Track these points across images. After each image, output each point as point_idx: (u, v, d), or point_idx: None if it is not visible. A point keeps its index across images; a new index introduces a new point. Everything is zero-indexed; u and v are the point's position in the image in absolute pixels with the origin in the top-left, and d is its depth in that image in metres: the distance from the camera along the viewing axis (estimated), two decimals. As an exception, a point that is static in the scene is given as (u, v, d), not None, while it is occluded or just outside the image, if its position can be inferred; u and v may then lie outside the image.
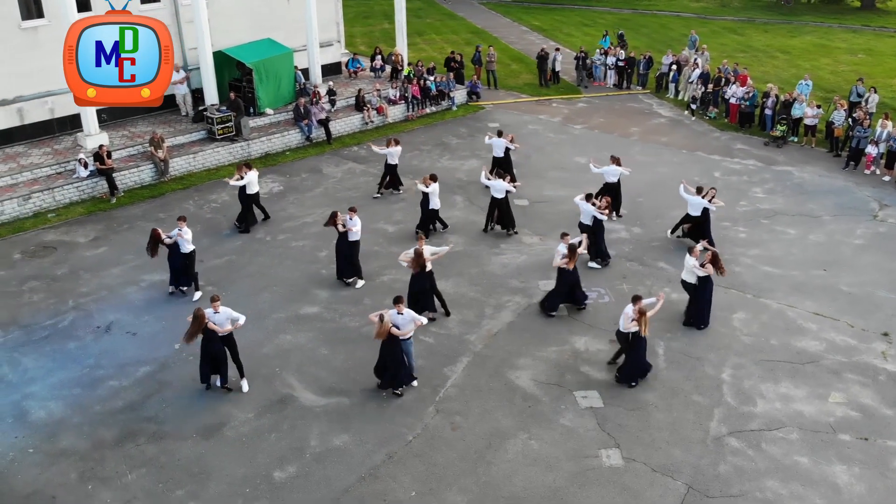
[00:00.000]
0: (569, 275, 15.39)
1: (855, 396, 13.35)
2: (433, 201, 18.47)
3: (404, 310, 13.06)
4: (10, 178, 20.21)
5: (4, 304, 15.99)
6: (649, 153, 24.44)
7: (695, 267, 14.88)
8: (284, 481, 11.48)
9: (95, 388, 13.50)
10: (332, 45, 28.97)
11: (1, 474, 11.55)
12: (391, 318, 12.90)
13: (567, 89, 31.38)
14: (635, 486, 11.45)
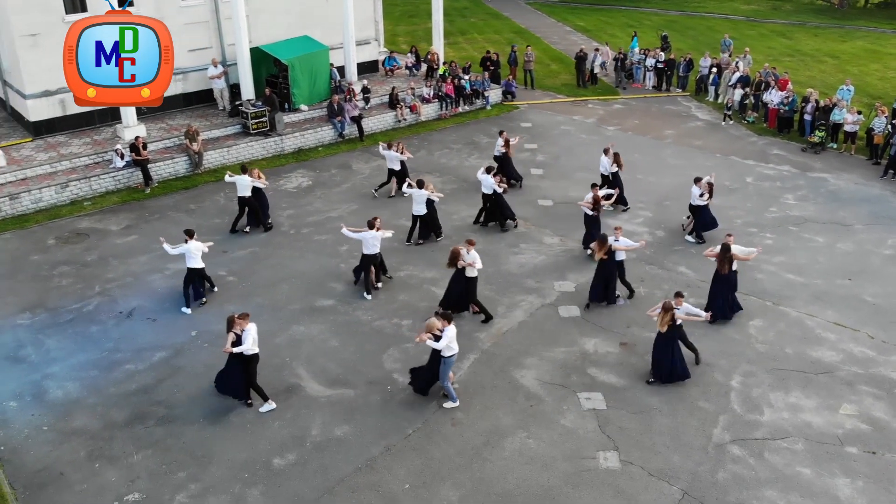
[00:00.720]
0: (603, 268, 15.67)
1: (867, 409, 13.04)
2: (416, 208, 18.12)
3: (448, 326, 12.66)
4: (49, 166, 20.96)
5: (35, 287, 16.62)
6: (682, 157, 24.14)
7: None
8: (283, 468, 11.73)
9: (112, 370, 13.96)
10: (370, 43, 29.26)
11: (14, 450, 12.04)
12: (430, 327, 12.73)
13: (605, 90, 31.15)
14: (630, 489, 11.39)
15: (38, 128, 22.60)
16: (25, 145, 22.14)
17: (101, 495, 11.19)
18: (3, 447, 12.07)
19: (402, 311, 15.79)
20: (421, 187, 17.84)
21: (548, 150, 24.74)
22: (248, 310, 15.56)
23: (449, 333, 12.52)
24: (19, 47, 21.66)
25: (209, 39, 25.11)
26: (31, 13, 21.46)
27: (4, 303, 16.00)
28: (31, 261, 17.72)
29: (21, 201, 19.84)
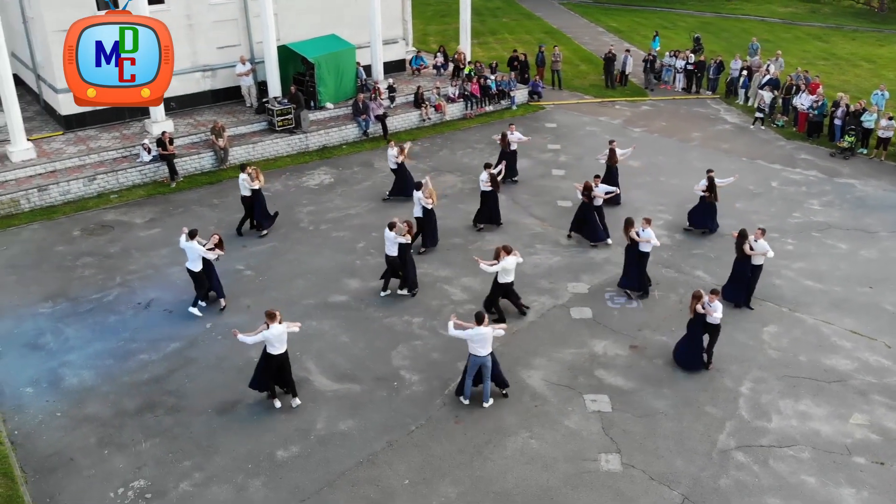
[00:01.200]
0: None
1: (879, 419, 12.81)
2: (417, 209, 17.91)
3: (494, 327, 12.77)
4: (78, 159, 21.45)
5: (58, 276, 17.03)
6: (707, 160, 23.76)
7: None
8: (285, 460, 11.89)
9: (127, 360, 14.26)
10: (397, 42, 29.40)
11: (28, 434, 12.37)
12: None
13: (633, 92, 30.92)
14: (629, 492, 11.34)
15: (69, 121, 23.13)
16: (56, 138, 22.68)
17: (108, 481, 11.45)
18: (17, 432, 12.41)
19: (413, 308, 15.88)
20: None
21: (571, 151, 24.64)
22: (263, 304, 15.89)
23: (482, 331, 12.57)
24: (52, 42, 22.14)
25: (238, 37, 25.43)
26: (63, 9, 21.86)
27: (28, 291, 16.42)
28: (56, 251, 18.16)
29: (49, 193, 20.34)
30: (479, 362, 12.71)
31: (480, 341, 12.52)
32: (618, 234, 17.61)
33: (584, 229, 18.69)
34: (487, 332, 12.52)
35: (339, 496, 11.23)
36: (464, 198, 20.93)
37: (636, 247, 16.07)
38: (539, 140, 25.44)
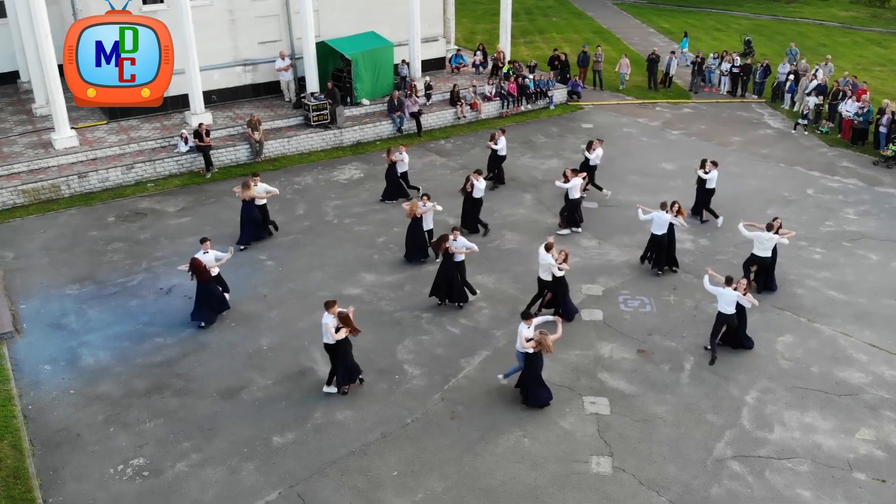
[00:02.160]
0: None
1: (886, 435, 12.43)
2: (427, 221, 17.51)
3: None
4: (118, 148, 22.20)
5: (88, 260, 17.69)
6: (743, 164, 23.41)
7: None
8: (281, 446, 12.16)
9: (142, 342, 14.76)
10: (437, 40, 29.56)
11: (41, 409, 12.92)
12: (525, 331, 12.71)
13: (677, 94, 30.45)
14: (616, 496, 11.26)
15: (112, 112, 23.90)
16: (100, 127, 23.50)
17: (110, 458, 11.89)
18: (30, 406, 12.97)
19: (424, 303, 16.01)
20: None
21: (605, 152, 24.32)
22: (279, 294, 16.37)
23: (523, 332, 12.69)
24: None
25: (279, 32, 25.95)
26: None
27: (58, 273, 17.10)
28: (90, 236, 18.85)
29: (89, 180, 21.12)
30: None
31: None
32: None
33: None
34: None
35: (327, 484, 11.44)
36: (489, 196, 20.94)
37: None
38: (573, 140, 25.32)
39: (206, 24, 24.23)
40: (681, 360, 14.26)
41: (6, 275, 16.96)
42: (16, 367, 13.96)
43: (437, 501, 11.16)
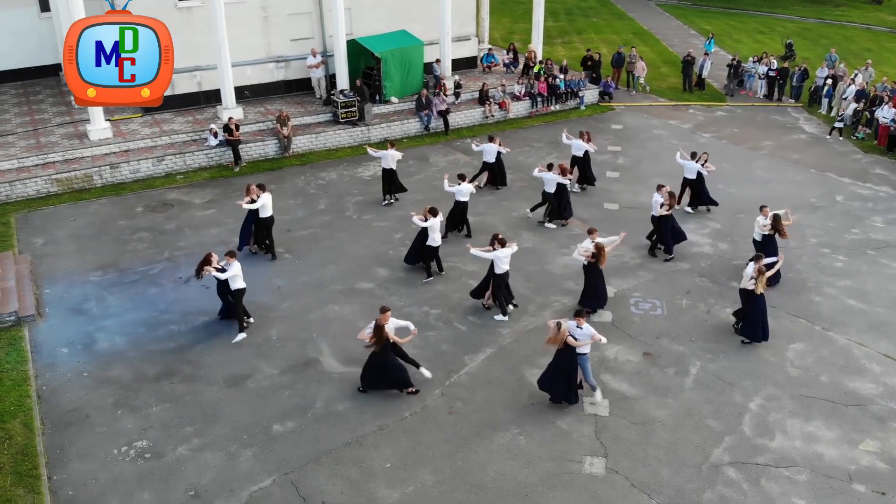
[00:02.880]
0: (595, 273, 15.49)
1: (892, 447, 12.16)
2: (432, 237, 16.60)
3: (584, 324, 12.72)
4: (150, 140, 22.79)
5: (114, 248, 18.21)
6: (772, 169, 23.03)
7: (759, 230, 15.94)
8: (280, 434, 12.40)
9: (157, 329, 15.16)
10: (470, 39, 29.65)
11: (54, 390, 13.38)
12: (568, 329, 12.67)
13: (712, 96, 30.05)
14: (607, 497, 11.24)
15: (148, 105, 24.53)
16: (135, 120, 24.15)
17: (115, 439, 12.26)
18: (45, 387, 13.44)
19: (434, 300, 16.14)
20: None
21: (631, 154, 24.26)
22: (293, 286, 16.64)
23: (587, 331, 12.71)
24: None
25: (311, 30, 26.32)
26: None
27: (84, 260, 17.65)
28: (117, 225, 19.40)
29: (120, 171, 21.72)
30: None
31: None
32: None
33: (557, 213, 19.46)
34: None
35: (321, 472, 11.64)
36: (510, 195, 21.03)
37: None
38: (601, 141, 25.12)
39: (240, 20, 24.71)
40: (687, 364, 14.13)
41: (34, 260, 17.56)
42: (35, 349, 14.47)
43: (426, 494, 11.28)
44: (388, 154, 20.02)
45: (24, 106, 25.01)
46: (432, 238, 16.61)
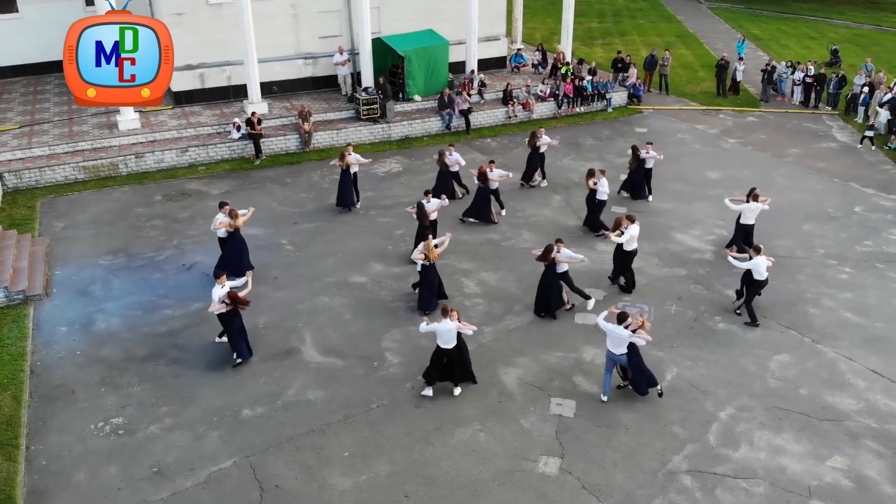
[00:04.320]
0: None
1: (860, 465, 11.85)
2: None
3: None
4: (176, 132, 23.59)
5: (127, 234, 18.96)
6: (793, 177, 22.48)
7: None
8: (247, 419, 12.79)
9: (153, 313, 15.76)
10: (499, 39, 29.71)
11: (48, 366, 14.07)
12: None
13: (745, 102, 29.44)
14: (554, 497, 11.27)
15: (178, 97, 25.43)
16: (165, 112, 25.02)
17: (93, 414, 12.85)
18: (39, 363, 14.15)
19: (422, 296, 16.34)
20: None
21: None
22: (289, 277, 17.05)
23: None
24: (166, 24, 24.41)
25: (340, 27, 26.80)
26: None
27: (97, 244, 18.44)
28: (135, 212, 20.18)
29: (145, 160, 22.56)
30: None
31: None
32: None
33: (481, 213, 19.40)
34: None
35: (280, 457, 11.97)
36: (515, 195, 21.09)
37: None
38: (621, 144, 24.97)
39: (270, 17, 25.36)
40: (663, 370, 14.00)
41: (51, 243, 18.42)
42: (36, 326, 15.22)
43: (378, 485, 11.51)
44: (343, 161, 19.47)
45: (63, 96, 26.12)
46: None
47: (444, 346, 13.14)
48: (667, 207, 20.48)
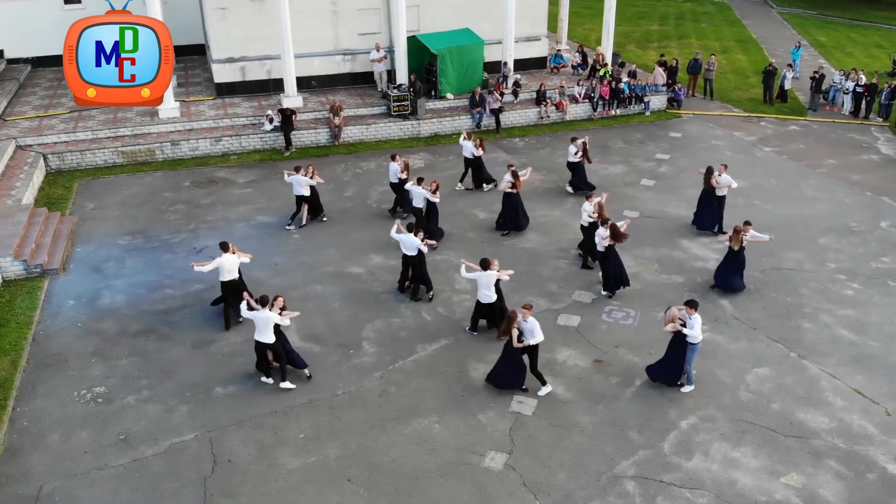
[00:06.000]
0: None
1: (816, 485, 11.51)
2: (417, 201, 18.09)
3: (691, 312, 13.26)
4: (212, 122, 24.56)
5: (149, 217, 19.93)
6: (822, 189, 21.73)
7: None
8: (217, 396, 13.36)
9: (155, 291, 16.58)
10: (540, 39, 29.65)
11: (49, 336, 15.01)
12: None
13: (792, 110, 28.52)
14: (492, 491, 11.39)
15: (220, 89, 26.44)
16: (206, 102, 26.06)
17: (79, 383, 13.66)
18: (42, 332, 15.11)
19: (413, 289, 16.62)
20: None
21: (677, 164, 23.58)
22: (290, 266, 17.64)
23: (697, 322, 13.14)
24: (211, 18, 25.52)
25: (378, 25, 27.29)
26: (222, -11, 25.17)
27: (120, 225, 19.45)
28: (162, 196, 21.17)
29: (180, 148, 23.60)
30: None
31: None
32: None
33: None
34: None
35: (238, 434, 12.47)
36: (530, 195, 21.11)
37: None
38: (651, 148, 24.65)
39: (310, 13, 26.10)
40: (633, 375, 13.89)
41: (79, 222, 19.54)
42: (47, 298, 16.23)
43: (324, 467, 11.86)
44: (297, 179, 18.85)
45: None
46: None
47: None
48: (680, 213, 20.15)
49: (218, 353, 14.56)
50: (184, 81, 28.07)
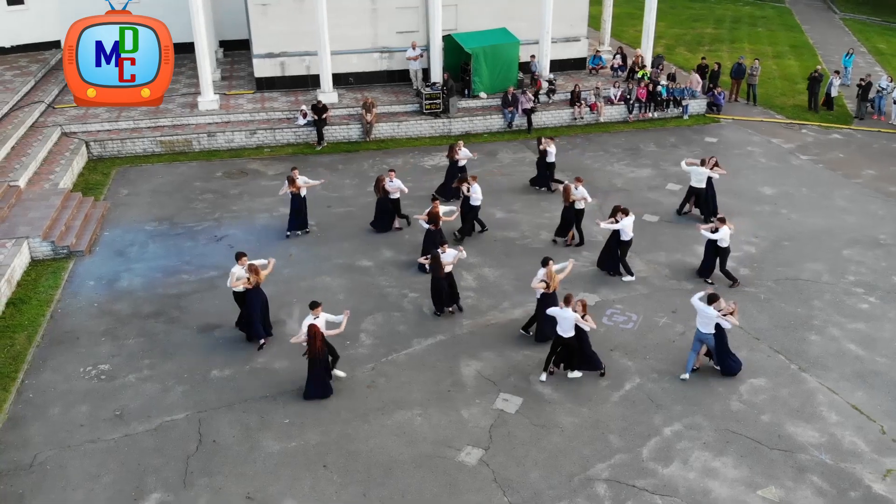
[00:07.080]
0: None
1: (795, 500, 11.28)
2: (474, 196, 18.57)
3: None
4: (249, 115, 25.23)
5: (178, 204, 20.63)
6: (855, 199, 21.07)
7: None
8: (212, 379, 13.82)
9: (171, 276, 17.19)
10: (580, 40, 29.46)
11: (67, 314, 15.73)
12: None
13: (837, 118, 27.65)
14: (463, 485, 11.51)
15: (259, 83, 27.11)
16: (245, 96, 26.77)
17: (85, 360, 14.30)
18: (60, 310, 15.85)
19: (417, 284, 16.76)
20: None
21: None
22: (304, 257, 18.07)
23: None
24: (252, 14, 26.19)
25: (417, 23, 27.53)
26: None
27: (149, 211, 20.20)
28: (193, 185, 21.88)
29: (216, 139, 24.32)
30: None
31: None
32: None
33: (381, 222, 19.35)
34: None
35: (226, 417, 12.89)
36: (545, 195, 21.15)
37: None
38: (683, 152, 24.24)
39: (349, 11, 26.54)
40: (624, 379, 13.81)
41: (111, 207, 20.37)
42: (69, 279, 17.01)
43: (303, 452, 12.17)
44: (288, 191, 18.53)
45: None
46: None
47: (563, 335, 13.45)
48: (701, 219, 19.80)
49: (220, 337, 15.04)
50: (228, 75, 28.88)
